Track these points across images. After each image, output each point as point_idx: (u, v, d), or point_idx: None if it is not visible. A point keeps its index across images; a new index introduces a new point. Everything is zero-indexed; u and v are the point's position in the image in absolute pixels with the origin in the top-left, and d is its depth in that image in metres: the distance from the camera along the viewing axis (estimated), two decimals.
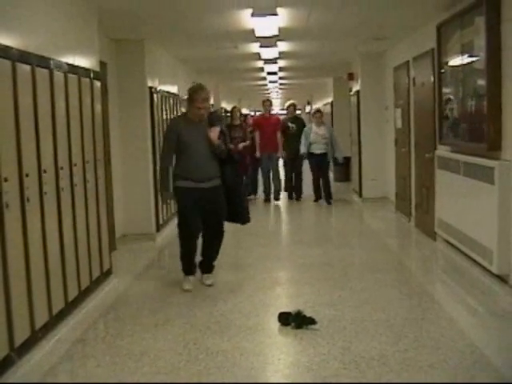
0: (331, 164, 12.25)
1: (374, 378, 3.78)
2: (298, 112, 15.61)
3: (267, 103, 12.30)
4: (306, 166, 12.06)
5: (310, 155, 11.56)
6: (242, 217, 6.06)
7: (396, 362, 4.03)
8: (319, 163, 11.55)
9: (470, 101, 6.18)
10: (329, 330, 4.64)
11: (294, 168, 11.98)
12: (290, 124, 12.10)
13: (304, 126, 12.09)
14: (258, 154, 11.82)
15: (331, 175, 13.61)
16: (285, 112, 13.52)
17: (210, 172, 5.81)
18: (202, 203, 5.78)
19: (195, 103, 5.72)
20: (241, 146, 11.38)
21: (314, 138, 11.48)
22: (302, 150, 11.55)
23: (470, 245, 6.11)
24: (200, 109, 5.73)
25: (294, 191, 12.12)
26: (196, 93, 5.72)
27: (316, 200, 11.71)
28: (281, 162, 12.39)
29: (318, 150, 11.48)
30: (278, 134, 11.83)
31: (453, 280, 6.14)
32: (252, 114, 13.43)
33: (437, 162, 7.34)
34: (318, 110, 12.23)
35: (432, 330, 4.62)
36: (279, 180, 12.08)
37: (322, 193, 11.66)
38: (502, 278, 5.46)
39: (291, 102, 12.75)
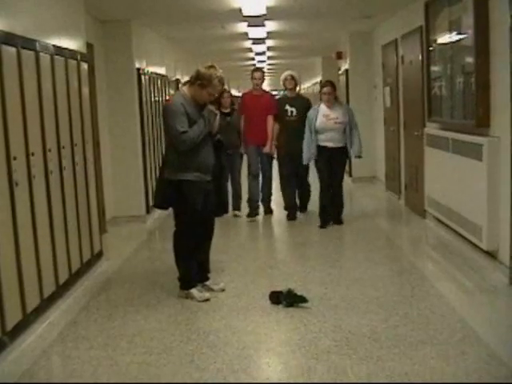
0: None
1: (365, 355, 3.81)
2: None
3: (257, 75, 8.21)
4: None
5: (318, 151, 7.45)
6: (220, 209, 5.38)
7: (387, 338, 4.06)
8: (331, 162, 7.43)
9: (458, 78, 6.18)
10: (320, 308, 4.67)
11: (295, 172, 8.09)
12: (288, 107, 8.00)
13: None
14: (242, 149, 8.26)
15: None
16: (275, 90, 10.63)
17: (212, 162, 5.10)
18: (204, 198, 5.06)
19: (210, 89, 4.91)
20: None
21: (322, 123, 7.37)
22: (306, 155, 7.49)
23: (460, 222, 6.14)
24: (212, 96, 5.02)
25: (299, 206, 8.37)
26: (217, 78, 4.91)
27: (324, 225, 7.52)
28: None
29: (328, 142, 7.40)
30: (270, 120, 8.01)
31: (443, 257, 6.18)
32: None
33: (426, 140, 7.36)
34: (329, 82, 7.83)
35: (422, 307, 4.66)
36: (270, 184, 8.39)
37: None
38: (491, 254, 5.50)
39: (289, 72, 8.29)
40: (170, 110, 4.94)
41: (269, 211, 8.36)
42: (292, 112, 7.98)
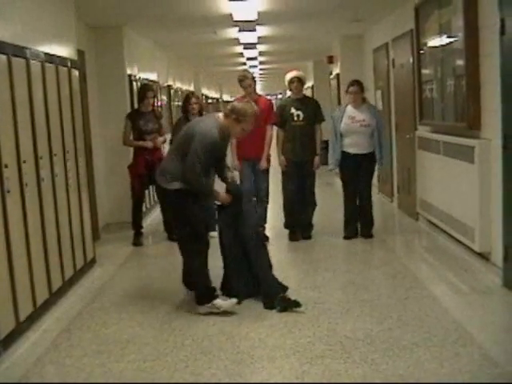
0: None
1: (359, 358, 3.82)
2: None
3: (247, 82, 6.92)
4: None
5: (342, 158, 6.89)
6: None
7: (381, 341, 4.07)
8: (357, 170, 6.90)
9: (449, 80, 6.21)
10: (314, 312, 4.67)
11: (301, 186, 7.06)
12: (294, 110, 7.02)
13: (319, 112, 7.17)
14: (237, 163, 6.93)
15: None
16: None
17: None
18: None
19: (245, 124, 4.79)
20: (160, 140, 7.46)
21: (347, 125, 6.83)
22: (332, 158, 6.98)
23: (452, 224, 6.16)
24: (245, 132, 4.90)
25: (302, 225, 7.19)
26: (252, 114, 4.78)
27: (350, 236, 7.03)
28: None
29: (352, 147, 6.85)
30: (269, 131, 6.93)
31: (435, 259, 6.18)
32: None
33: (417, 143, 7.38)
34: (356, 82, 7.04)
35: (416, 309, 4.66)
36: (266, 206, 7.15)
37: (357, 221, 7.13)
38: (483, 256, 5.52)
39: (295, 74, 7.15)
40: (209, 144, 4.65)
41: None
42: (299, 116, 6.98)
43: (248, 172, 6.95)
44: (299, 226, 7.19)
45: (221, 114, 4.87)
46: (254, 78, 7.12)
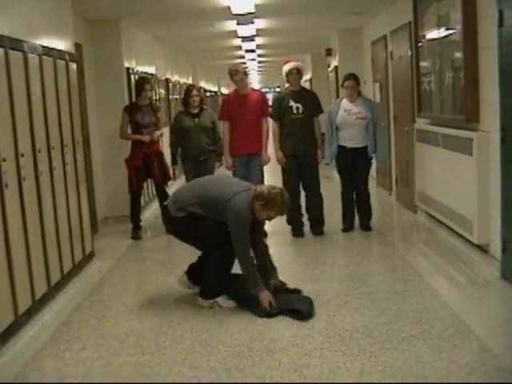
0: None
1: (358, 351, 3.82)
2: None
3: (238, 76, 6.80)
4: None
5: (338, 151, 6.92)
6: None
7: (379, 333, 4.07)
8: (353, 163, 6.91)
9: (447, 73, 6.20)
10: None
11: (303, 178, 6.93)
12: (292, 103, 6.82)
13: (318, 104, 7.04)
14: (229, 161, 6.91)
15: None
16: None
17: None
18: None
19: (271, 212, 4.68)
20: (157, 134, 7.44)
21: (343, 118, 6.82)
22: (327, 154, 7.00)
23: (451, 216, 6.17)
24: (270, 219, 4.83)
25: (312, 221, 7.09)
26: (281, 204, 4.65)
27: (347, 229, 7.07)
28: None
29: (348, 140, 6.85)
30: (265, 124, 6.90)
31: (434, 252, 6.19)
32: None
33: (416, 135, 7.38)
34: (352, 75, 6.97)
35: (414, 302, 4.67)
36: None
37: (355, 214, 7.15)
38: (482, 248, 5.53)
39: (294, 65, 6.91)
40: (243, 218, 4.60)
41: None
42: (298, 109, 6.77)
43: (243, 169, 6.78)
44: (302, 222, 7.07)
45: (252, 195, 4.66)
46: (245, 71, 6.97)
